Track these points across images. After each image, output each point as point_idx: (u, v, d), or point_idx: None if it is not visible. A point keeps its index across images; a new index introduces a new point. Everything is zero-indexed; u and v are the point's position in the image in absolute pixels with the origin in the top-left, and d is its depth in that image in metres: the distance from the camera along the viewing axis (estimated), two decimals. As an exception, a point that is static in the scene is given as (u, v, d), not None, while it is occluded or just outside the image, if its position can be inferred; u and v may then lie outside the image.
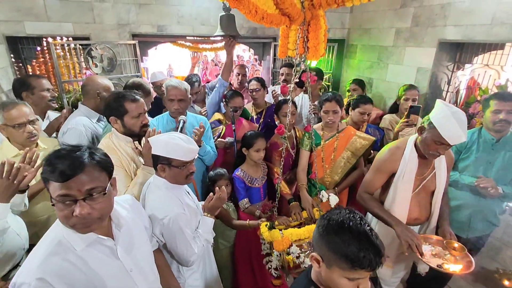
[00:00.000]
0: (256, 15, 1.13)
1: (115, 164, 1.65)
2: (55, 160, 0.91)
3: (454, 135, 1.57)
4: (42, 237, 1.02)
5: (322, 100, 2.41)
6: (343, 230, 1.00)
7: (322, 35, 1.67)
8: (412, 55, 3.13)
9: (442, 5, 2.74)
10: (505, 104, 1.98)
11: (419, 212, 1.93)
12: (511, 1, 2.24)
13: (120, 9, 2.94)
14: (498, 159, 2.10)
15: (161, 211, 1.40)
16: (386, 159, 1.89)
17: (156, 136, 1.50)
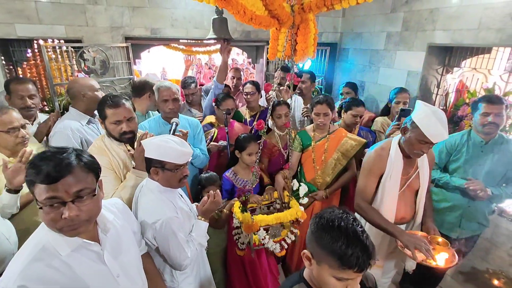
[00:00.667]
0: (244, 15, 1.15)
1: (105, 166, 1.67)
2: (41, 162, 0.89)
3: (437, 133, 1.62)
4: (25, 242, 1.00)
5: (313, 103, 2.45)
6: (333, 227, 1.01)
7: (311, 38, 1.70)
8: (403, 58, 3.18)
9: (430, 10, 2.80)
10: (493, 107, 2.02)
11: (405, 211, 1.96)
12: (496, 7, 2.30)
13: (114, 12, 2.94)
14: (487, 161, 2.13)
15: (153, 215, 1.39)
16: (374, 161, 1.92)
17: (149, 139, 1.49)
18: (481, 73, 2.73)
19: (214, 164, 2.80)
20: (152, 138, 1.51)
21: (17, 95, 2.15)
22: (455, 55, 2.89)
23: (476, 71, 2.75)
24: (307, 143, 2.55)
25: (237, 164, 2.44)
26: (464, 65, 2.88)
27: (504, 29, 2.27)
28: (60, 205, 0.90)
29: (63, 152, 0.93)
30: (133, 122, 1.74)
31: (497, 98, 2.05)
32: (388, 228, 1.81)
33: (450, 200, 2.27)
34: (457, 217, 2.26)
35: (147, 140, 1.48)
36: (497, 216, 2.41)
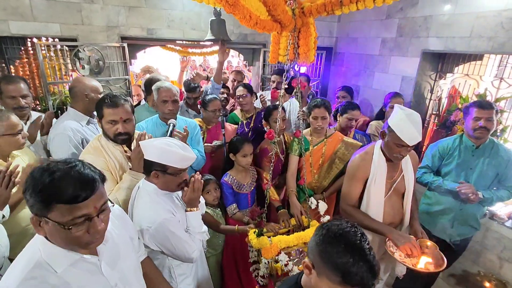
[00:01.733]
0: (250, 20, 1.15)
1: (101, 166, 1.65)
2: (62, 182, 0.83)
3: (411, 136, 1.65)
4: (17, 256, 0.95)
5: (311, 106, 2.45)
6: (340, 242, 0.97)
7: (312, 42, 1.72)
8: (397, 64, 3.24)
9: (424, 17, 2.86)
10: (484, 112, 2.07)
11: (393, 215, 1.97)
12: (488, 16, 2.37)
13: (110, 11, 2.91)
14: (478, 165, 2.18)
15: (147, 219, 1.37)
16: (357, 166, 1.93)
17: (150, 141, 1.45)
18: (473, 79, 2.80)
19: (208, 166, 2.79)
20: (152, 140, 1.49)
21: (8, 95, 2.09)
22: (448, 61, 2.96)
23: (468, 77, 2.82)
24: (306, 147, 2.56)
25: (234, 168, 2.43)
26: (457, 71, 2.95)
27: (495, 38, 2.33)
28: (87, 221, 0.88)
29: (75, 166, 0.88)
30: (130, 124, 1.72)
31: (487, 104, 2.10)
32: (377, 227, 1.83)
33: (442, 203, 2.32)
34: (449, 220, 2.31)
35: (147, 141, 1.45)
36: (488, 220, 2.47)
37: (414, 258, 1.70)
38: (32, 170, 0.88)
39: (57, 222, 0.84)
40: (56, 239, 0.89)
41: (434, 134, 3.16)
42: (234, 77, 3.67)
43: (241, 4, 1.06)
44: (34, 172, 0.86)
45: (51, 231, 0.87)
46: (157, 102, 2.24)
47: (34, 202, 0.84)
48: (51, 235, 0.89)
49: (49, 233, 0.88)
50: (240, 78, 3.68)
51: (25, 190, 0.86)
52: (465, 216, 2.27)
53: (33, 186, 0.84)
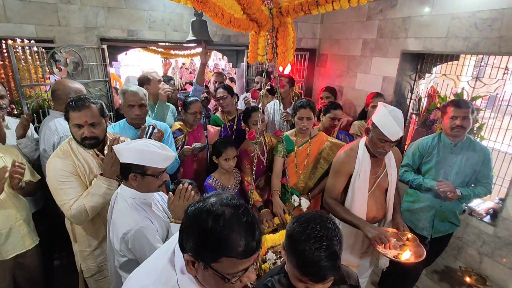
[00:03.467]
0: (222, 18, 1.14)
1: (68, 170, 1.60)
2: (236, 235, 0.77)
3: (393, 131, 1.71)
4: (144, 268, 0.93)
5: (296, 107, 2.45)
6: (303, 230, 1.03)
7: (290, 41, 1.72)
8: (378, 64, 3.29)
9: (403, 19, 2.92)
10: (460, 111, 2.12)
11: (377, 210, 2.02)
12: (462, 17, 2.44)
13: (88, 12, 2.84)
14: (457, 162, 2.24)
15: (124, 225, 1.33)
16: (342, 161, 1.99)
17: (125, 144, 1.41)
18: (450, 79, 2.87)
19: (192, 170, 2.75)
20: (128, 142, 1.44)
21: None
22: (427, 61, 3.03)
23: (446, 77, 2.89)
24: (289, 148, 2.55)
25: (217, 170, 2.41)
26: (435, 72, 3.02)
27: (470, 38, 2.40)
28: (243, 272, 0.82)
29: (243, 212, 0.82)
30: (98, 128, 1.65)
31: (464, 102, 2.16)
32: (352, 220, 1.89)
33: (423, 201, 2.36)
34: (430, 217, 2.35)
35: (122, 145, 1.40)
36: (468, 216, 2.52)
37: (396, 250, 1.75)
38: (191, 209, 0.83)
39: (219, 273, 0.78)
40: (209, 284, 0.85)
41: (415, 133, 3.22)
42: (215, 79, 3.65)
43: (212, 2, 1.04)
44: (195, 213, 0.81)
45: (206, 277, 0.82)
46: (123, 107, 2.18)
47: (198, 248, 0.79)
48: (204, 279, 0.84)
49: (202, 276, 0.84)
50: (220, 80, 3.66)
51: (185, 231, 0.82)
52: (445, 213, 2.31)
53: (200, 232, 0.78)
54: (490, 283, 2.24)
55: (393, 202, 2.05)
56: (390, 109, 1.76)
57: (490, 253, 2.40)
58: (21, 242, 1.84)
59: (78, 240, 1.77)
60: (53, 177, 1.59)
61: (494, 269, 2.37)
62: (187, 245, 0.81)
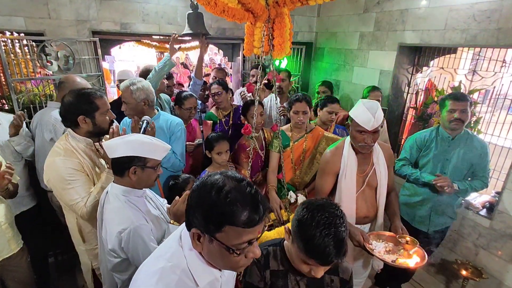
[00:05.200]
0: (215, 7, 1.10)
1: (76, 168, 1.58)
2: (239, 204, 0.78)
3: (365, 119, 1.70)
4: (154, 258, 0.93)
5: (292, 101, 2.41)
6: (313, 217, 1.08)
7: (287, 33, 1.68)
8: (375, 58, 3.26)
9: (401, 11, 2.89)
10: (459, 104, 2.11)
11: (367, 210, 1.98)
12: (460, 9, 2.41)
13: (79, 4, 2.76)
14: (454, 156, 2.23)
15: (119, 224, 1.29)
16: (328, 160, 1.95)
17: (118, 139, 1.37)
18: (448, 73, 2.85)
19: (188, 165, 2.71)
20: (122, 137, 1.40)
21: None
22: (424, 55, 3.01)
23: (443, 70, 2.87)
24: (285, 143, 2.52)
25: (211, 165, 2.38)
26: (433, 65, 3.00)
27: (468, 30, 2.38)
28: (248, 245, 0.83)
29: (247, 184, 0.84)
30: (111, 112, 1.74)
31: (462, 96, 2.15)
32: None
33: (420, 194, 2.36)
34: (427, 210, 2.35)
35: (115, 140, 1.37)
36: (464, 209, 2.53)
37: (394, 255, 1.71)
38: (196, 185, 0.85)
39: (224, 244, 0.80)
40: (214, 259, 0.87)
41: (412, 126, 3.21)
42: (215, 75, 3.60)
43: (206, -11, 1.00)
44: (200, 187, 0.83)
45: (212, 250, 0.84)
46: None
47: (203, 220, 0.80)
48: (210, 253, 0.86)
49: (207, 251, 0.85)
50: (221, 76, 3.60)
51: (191, 207, 0.84)
52: (442, 207, 2.31)
53: (205, 204, 0.80)
54: (485, 275, 2.26)
55: (391, 204, 2.00)
56: (365, 101, 1.79)
57: (486, 246, 2.41)
58: (7, 245, 1.80)
59: (87, 239, 1.72)
60: (59, 177, 1.55)
61: (490, 261, 2.39)
62: (194, 220, 0.83)
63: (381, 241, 1.81)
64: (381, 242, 1.80)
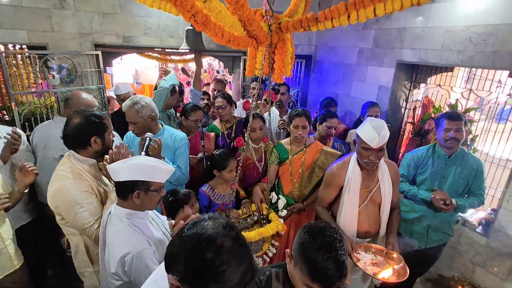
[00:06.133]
0: (222, 38, 1.13)
1: (87, 190, 1.58)
2: (234, 268, 0.77)
3: (370, 137, 1.78)
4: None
5: (292, 115, 2.46)
6: (315, 240, 1.13)
7: (288, 57, 1.72)
8: (374, 73, 3.32)
9: (399, 30, 2.95)
10: (454, 123, 2.15)
11: (369, 225, 2.02)
12: (457, 31, 2.47)
13: (82, 18, 2.79)
14: (451, 174, 2.26)
15: (123, 248, 1.30)
16: (333, 174, 2.04)
17: (121, 162, 1.37)
18: (445, 90, 2.90)
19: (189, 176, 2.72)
20: (124, 160, 1.40)
21: None
22: (421, 72, 3.06)
23: (440, 87, 2.93)
24: (284, 156, 2.56)
25: (215, 179, 2.39)
26: (430, 82, 3.06)
27: (465, 51, 2.44)
28: None
29: (239, 237, 0.84)
30: None
31: (457, 115, 2.19)
32: None
33: (418, 211, 2.38)
34: (424, 227, 2.37)
35: (118, 164, 1.37)
36: (461, 226, 2.56)
37: (378, 267, 1.78)
38: (192, 236, 0.81)
39: None
40: None
41: (410, 141, 3.26)
42: (214, 86, 3.63)
43: (213, 22, 1.03)
44: (194, 240, 0.80)
45: None
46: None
47: (188, 275, 0.78)
48: None
49: None
50: (220, 87, 3.64)
51: (177, 254, 0.80)
52: (440, 223, 2.34)
53: (196, 261, 0.77)
54: (482, 293, 2.29)
55: (391, 220, 2.05)
56: (371, 119, 1.86)
57: (483, 263, 2.44)
58: (9, 262, 1.80)
59: (95, 260, 1.70)
60: (72, 201, 1.53)
61: (486, 279, 2.42)
62: (175, 267, 0.80)
63: (370, 253, 1.87)
64: (370, 254, 1.87)
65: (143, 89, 7.66)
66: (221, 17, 1.04)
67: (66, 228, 1.66)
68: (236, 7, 1.07)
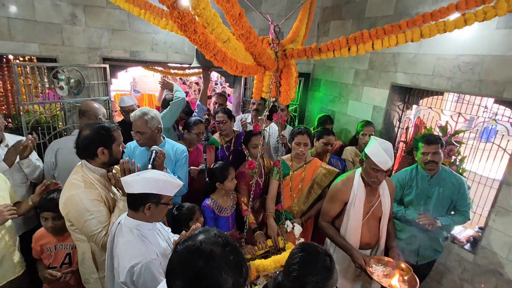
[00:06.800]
0: (236, 69, 1.25)
1: (97, 199, 1.66)
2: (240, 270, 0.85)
3: (383, 160, 1.89)
4: None
5: (295, 133, 2.57)
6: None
7: (293, 81, 1.85)
8: (369, 93, 3.48)
9: (393, 54, 3.13)
10: (430, 147, 2.26)
11: (370, 237, 2.15)
12: (447, 58, 2.65)
13: (92, 33, 2.91)
14: (435, 193, 2.38)
15: (132, 258, 1.36)
16: (338, 189, 2.14)
17: (134, 175, 1.44)
18: (435, 112, 3.07)
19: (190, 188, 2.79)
20: (135, 174, 1.48)
21: None
22: (414, 94, 3.24)
23: (431, 109, 3.09)
24: (285, 172, 2.66)
25: (216, 192, 2.46)
26: (421, 103, 3.23)
27: (454, 78, 2.61)
28: None
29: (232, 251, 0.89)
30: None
31: (433, 139, 2.29)
32: (342, 244, 2.06)
33: (407, 230, 2.48)
34: (415, 245, 2.46)
35: (130, 177, 1.44)
36: (450, 243, 2.68)
37: (390, 278, 1.86)
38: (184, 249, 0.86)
39: None
40: None
41: (402, 159, 3.40)
42: (216, 100, 3.75)
43: (229, 58, 1.15)
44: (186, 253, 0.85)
45: None
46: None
47: None
48: None
49: None
50: (222, 101, 3.75)
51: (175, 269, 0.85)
52: (429, 241, 2.44)
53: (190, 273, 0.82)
54: (470, 309, 2.38)
55: (389, 232, 2.19)
56: (380, 141, 1.95)
57: (470, 280, 2.55)
58: (13, 268, 1.84)
59: (101, 267, 1.76)
60: (82, 209, 1.60)
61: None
62: (174, 282, 0.85)
63: (380, 265, 1.98)
64: (380, 266, 1.97)
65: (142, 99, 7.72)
66: (236, 53, 1.16)
67: (75, 235, 1.72)
68: (250, 46, 1.20)
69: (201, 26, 0.93)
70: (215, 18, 0.98)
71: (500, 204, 2.36)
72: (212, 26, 0.98)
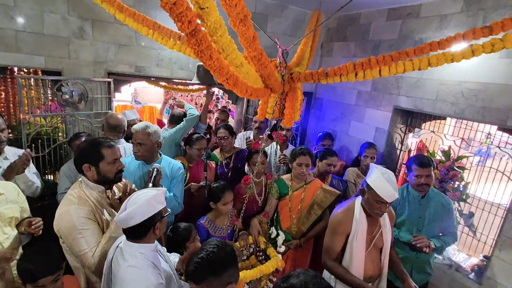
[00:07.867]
0: (246, 92, 1.24)
1: (88, 217, 1.61)
2: None
3: (388, 194, 1.81)
4: None
5: (297, 153, 2.56)
6: None
7: (298, 104, 1.84)
8: (372, 115, 3.49)
9: (396, 77, 3.16)
10: (423, 170, 2.26)
11: (373, 270, 2.05)
12: (450, 84, 2.67)
13: (99, 47, 2.93)
14: (427, 213, 2.34)
15: (140, 283, 1.32)
16: (340, 221, 2.01)
17: (129, 204, 1.38)
18: (438, 136, 3.06)
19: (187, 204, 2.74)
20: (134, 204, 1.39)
21: None
22: (417, 117, 3.24)
23: (434, 133, 3.09)
24: (284, 191, 2.63)
25: (212, 212, 2.41)
26: (424, 127, 3.23)
27: (457, 104, 2.62)
28: None
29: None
30: (121, 161, 1.75)
31: (427, 161, 2.28)
32: (357, 283, 1.91)
33: (400, 253, 2.41)
34: (408, 268, 2.39)
35: (130, 210, 1.35)
36: (454, 271, 2.60)
37: None
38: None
39: None
40: None
41: (404, 182, 3.36)
42: (218, 116, 3.75)
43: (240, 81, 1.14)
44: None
45: None
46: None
47: None
48: None
49: None
50: (224, 117, 3.75)
51: None
52: (421, 264, 2.39)
53: None
54: None
55: (394, 262, 2.09)
56: (382, 171, 1.87)
57: (476, 311, 2.46)
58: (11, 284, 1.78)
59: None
60: (71, 226, 1.56)
61: (480, 328, 2.43)
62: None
63: None
64: None
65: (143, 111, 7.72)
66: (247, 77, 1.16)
67: (65, 250, 1.68)
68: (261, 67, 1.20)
69: (216, 52, 0.93)
70: (230, 45, 0.98)
71: (506, 233, 2.31)
72: (227, 52, 0.98)
